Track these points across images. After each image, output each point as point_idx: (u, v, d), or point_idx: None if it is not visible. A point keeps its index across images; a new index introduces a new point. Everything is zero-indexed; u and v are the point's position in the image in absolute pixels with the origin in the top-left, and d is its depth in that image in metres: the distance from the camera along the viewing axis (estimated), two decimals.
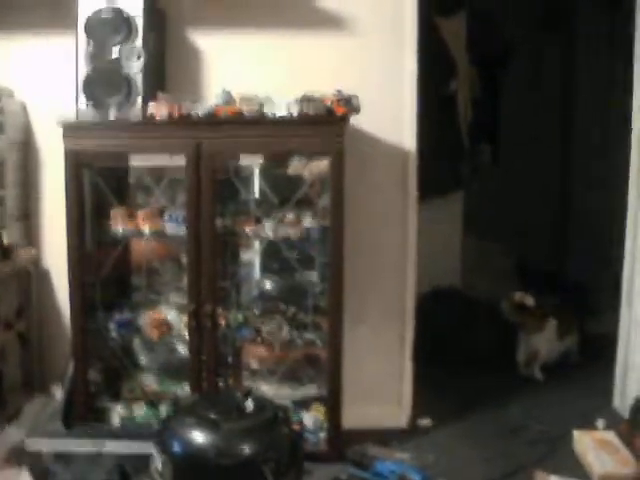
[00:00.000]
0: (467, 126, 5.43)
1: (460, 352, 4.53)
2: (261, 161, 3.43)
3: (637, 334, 3.82)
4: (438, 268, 4.80)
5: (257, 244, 3.65)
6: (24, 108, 3.66)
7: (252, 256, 3.73)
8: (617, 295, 4.01)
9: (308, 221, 3.34)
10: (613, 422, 3.69)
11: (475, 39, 5.22)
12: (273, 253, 3.53)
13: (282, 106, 3.16)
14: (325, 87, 3.19)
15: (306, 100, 3.14)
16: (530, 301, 4.59)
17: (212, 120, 3.19)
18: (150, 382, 3.65)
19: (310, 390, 3.58)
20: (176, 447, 2.26)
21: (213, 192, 3.23)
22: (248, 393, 2.51)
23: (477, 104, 5.54)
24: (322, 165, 3.30)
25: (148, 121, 3.21)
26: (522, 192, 5.77)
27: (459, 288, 5.19)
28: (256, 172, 3.55)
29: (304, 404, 3.51)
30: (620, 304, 3.96)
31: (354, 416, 3.48)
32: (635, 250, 3.82)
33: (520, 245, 5.51)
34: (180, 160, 3.23)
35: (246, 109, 3.17)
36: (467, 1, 5.16)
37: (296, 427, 2.47)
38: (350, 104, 3.16)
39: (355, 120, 3.33)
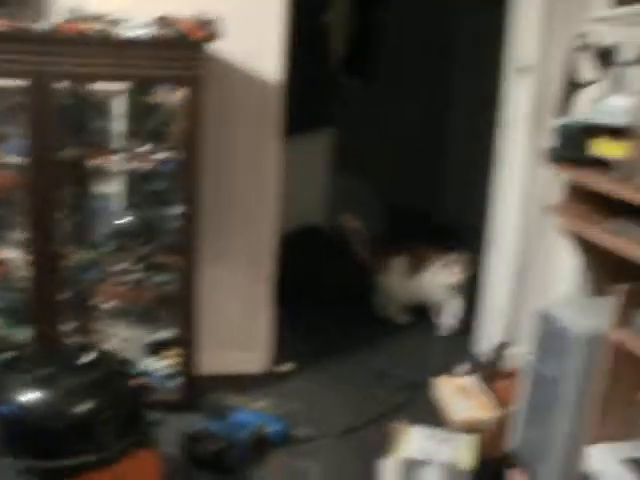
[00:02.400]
0: (339, 60, 5.24)
1: (323, 293, 4.44)
2: (115, 88, 3.15)
3: (499, 279, 3.80)
4: (303, 207, 4.65)
5: (111, 177, 3.37)
6: None
7: (105, 190, 3.44)
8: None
9: (162, 154, 3.09)
10: (475, 367, 3.68)
11: None
12: (129, 187, 3.29)
13: (135, 27, 2.87)
14: (185, 10, 2.92)
15: (160, 22, 2.87)
16: (356, 224, 4.54)
17: (53, 37, 2.85)
18: None
19: (166, 334, 3.37)
20: (1, 407, 2.02)
21: (55, 119, 2.93)
22: (84, 346, 2.28)
23: (352, 37, 5.34)
24: (180, 94, 3.04)
25: None
26: (395, 131, 5.66)
27: (325, 228, 5.06)
28: (110, 99, 3.25)
29: (157, 349, 3.32)
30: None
31: (212, 362, 3.35)
32: (500, 195, 3.76)
33: (392, 185, 5.39)
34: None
35: (92, 28, 2.85)
36: None
37: (139, 381, 2.24)
38: (209, 28, 2.89)
39: (217, 47, 3.07)
